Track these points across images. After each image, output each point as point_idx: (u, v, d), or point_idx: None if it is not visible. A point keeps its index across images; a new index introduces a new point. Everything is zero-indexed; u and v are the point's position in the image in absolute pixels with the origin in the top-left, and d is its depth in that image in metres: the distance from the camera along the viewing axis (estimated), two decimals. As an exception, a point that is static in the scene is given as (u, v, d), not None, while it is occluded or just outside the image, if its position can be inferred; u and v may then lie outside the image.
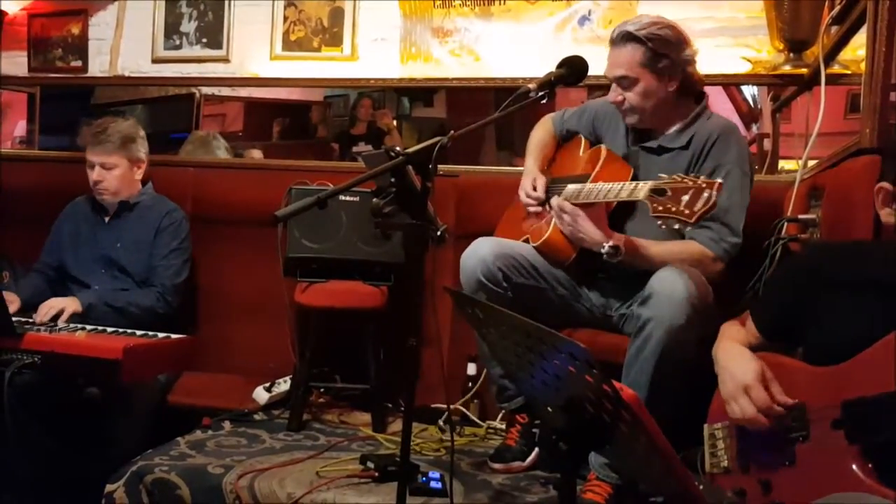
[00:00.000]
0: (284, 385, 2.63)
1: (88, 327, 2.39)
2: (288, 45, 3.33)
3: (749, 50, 2.83)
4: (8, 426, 2.11)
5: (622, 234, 2.01)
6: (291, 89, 4.97)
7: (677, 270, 1.86)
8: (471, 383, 2.60)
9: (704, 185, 1.69)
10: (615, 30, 2.09)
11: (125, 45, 3.52)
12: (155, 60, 3.49)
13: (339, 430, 2.48)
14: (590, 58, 1.90)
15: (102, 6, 3.55)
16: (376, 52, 3.23)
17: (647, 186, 1.79)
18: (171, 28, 3.46)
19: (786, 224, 2.12)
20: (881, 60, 1.80)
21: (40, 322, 2.39)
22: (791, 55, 2.73)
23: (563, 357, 1.14)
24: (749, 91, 3.92)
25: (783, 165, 3.09)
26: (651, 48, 2.03)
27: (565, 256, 2.13)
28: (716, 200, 1.67)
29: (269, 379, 2.66)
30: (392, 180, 1.62)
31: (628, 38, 2.04)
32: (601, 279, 2.17)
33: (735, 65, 2.84)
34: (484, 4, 3.12)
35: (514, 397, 2.23)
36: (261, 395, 2.61)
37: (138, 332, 2.34)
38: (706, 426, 1.60)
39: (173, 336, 2.37)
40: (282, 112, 5.50)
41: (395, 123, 5.39)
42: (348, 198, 2.54)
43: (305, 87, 4.70)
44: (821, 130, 2.23)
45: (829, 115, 2.27)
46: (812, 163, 2.35)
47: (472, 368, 2.61)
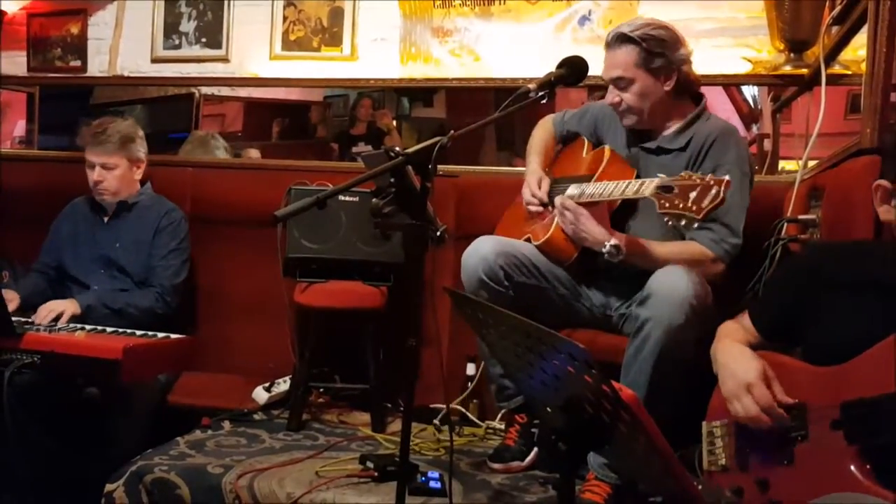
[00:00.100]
0: (284, 385, 2.64)
1: (88, 327, 2.39)
2: (287, 44, 3.33)
3: (749, 50, 2.83)
4: (7, 426, 2.11)
5: (623, 234, 2.02)
6: (291, 89, 4.95)
7: (676, 271, 1.86)
8: (469, 383, 2.60)
9: (712, 182, 1.69)
10: (610, 33, 2.12)
11: (124, 44, 3.52)
12: (154, 60, 3.49)
13: (339, 430, 2.48)
14: (590, 58, 1.91)
15: (101, 6, 3.54)
16: (376, 52, 3.22)
17: (653, 183, 1.79)
18: (171, 28, 3.45)
19: (786, 224, 2.12)
20: (882, 61, 1.80)
21: (40, 324, 2.39)
22: (791, 55, 2.73)
23: (563, 357, 1.14)
24: (749, 91, 3.92)
25: (783, 166, 3.09)
26: (645, 48, 2.05)
27: (567, 256, 2.13)
28: (724, 196, 1.67)
29: (269, 379, 2.66)
30: (392, 180, 1.62)
31: (623, 39, 2.07)
32: (602, 279, 2.17)
33: (735, 65, 2.84)
34: (484, 4, 3.12)
35: (514, 396, 2.23)
36: (260, 395, 2.61)
37: (138, 332, 2.34)
38: (704, 424, 1.60)
39: (173, 336, 2.37)
40: (281, 112, 5.49)
41: (395, 123, 5.38)
42: (348, 198, 2.54)
43: (305, 87, 4.68)
44: (821, 131, 2.22)
45: (830, 116, 2.27)
46: (812, 163, 2.35)
47: (471, 368, 2.62)
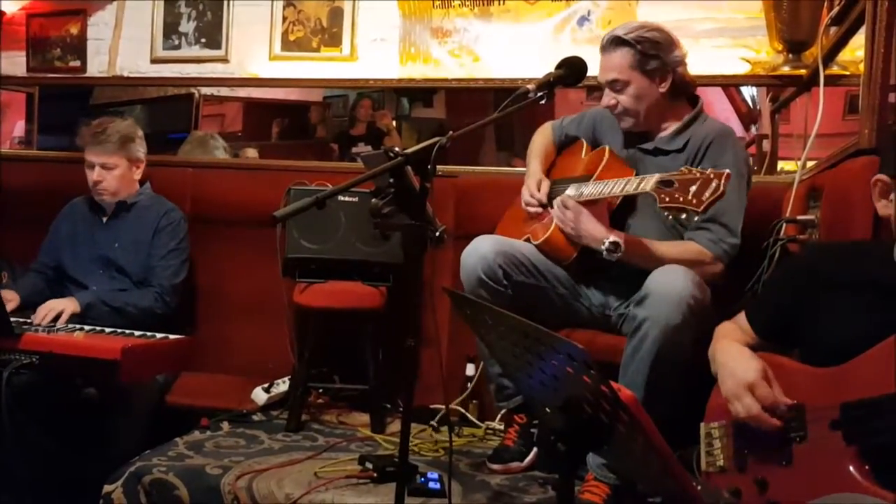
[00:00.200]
0: (283, 385, 2.63)
1: (87, 327, 2.38)
2: (287, 45, 3.32)
3: (748, 51, 2.83)
4: (6, 427, 2.10)
5: (622, 232, 2.02)
6: (290, 90, 4.96)
7: (674, 271, 1.87)
8: (469, 383, 2.60)
9: (713, 176, 1.70)
10: (605, 36, 2.14)
11: (124, 45, 3.52)
12: (154, 60, 3.48)
13: (338, 430, 2.48)
14: (589, 58, 1.91)
15: (101, 6, 3.54)
16: (375, 52, 3.22)
17: (654, 178, 1.80)
18: (170, 28, 3.45)
19: (784, 225, 2.12)
20: (880, 61, 1.80)
21: (38, 325, 2.39)
22: (790, 56, 2.73)
23: (562, 358, 1.14)
24: (748, 92, 3.92)
25: (782, 166, 3.09)
26: (640, 50, 2.06)
27: (566, 255, 2.14)
28: (724, 189, 1.68)
29: (268, 379, 2.66)
30: (391, 181, 1.62)
31: (618, 42, 2.09)
32: (601, 279, 2.17)
33: (734, 65, 2.84)
34: (483, 5, 3.12)
35: (513, 396, 2.23)
36: (259, 395, 2.61)
37: (137, 333, 2.34)
38: (703, 425, 1.59)
39: (172, 336, 2.36)
40: (281, 112, 5.49)
41: (395, 124, 5.39)
42: (347, 198, 2.54)
43: (304, 87, 4.69)
44: (819, 131, 2.22)
45: (828, 116, 2.27)
46: (811, 163, 2.35)
47: (470, 369, 2.62)
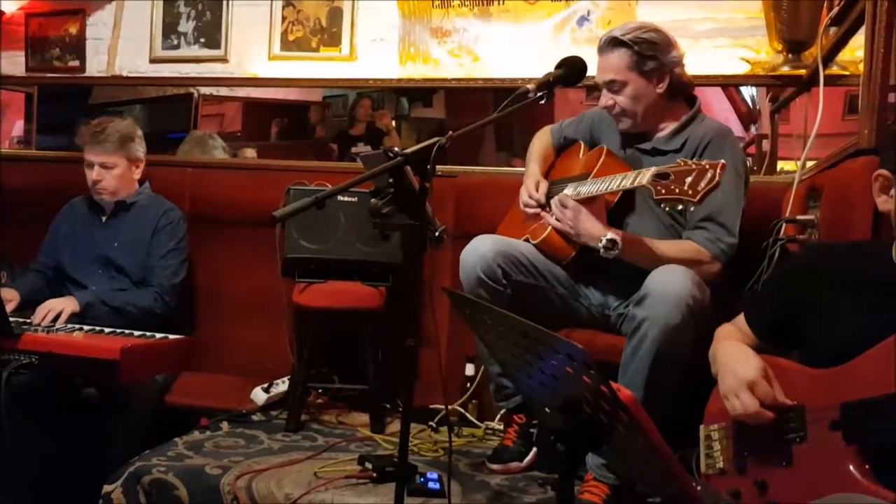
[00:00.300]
0: (282, 385, 2.63)
1: (86, 328, 2.38)
2: (286, 45, 3.32)
3: (748, 51, 2.83)
4: (5, 427, 2.11)
5: (620, 230, 2.02)
6: (290, 89, 4.95)
7: (674, 270, 1.87)
8: (468, 384, 2.60)
9: (708, 167, 1.71)
10: (602, 37, 2.14)
11: (123, 44, 3.52)
12: (153, 60, 3.48)
13: (338, 430, 2.48)
14: (589, 58, 1.92)
15: (100, 6, 3.54)
16: (375, 52, 3.22)
17: (650, 172, 1.80)
18: (169, 28, 3.45)
19: (784, 225, 2.12)
20: (879, 61, 1.80)
21: (38, 325, 2.39)
22: (790, 56, 2.73)
23: (561, 358, 1.13)
24: (748, 92, 3.92)
25: (782, 166, 3.09)
26: (637, 51, 2.07)
27: (565, 254, 2.14)
28: (720, 179, 1.69)
29: (267, 379, 2.66)
30: (390, 181, 1.61)
31: (615, 43, 2.09)
32: (600, 278, 2.17)
33: (734, 65, 2.84)
34: (483, 5, 3.11)
35: (513, 396, 2.23)
36: (259, 395, 2.61)
37: (136, 333, 2.34)
38: (702, 427, 1.59)
39: (171, 336, 2.37)
40: (280, 112, 5.48)
41: (394, 124, 5.37)
42: (346, 198, 2.54)
43: (304, 87, 4.67)
44: (819, 131, 2.22)
45: (828, 116, 2.27)
46: (810, 164, 2.35)
47: (470, 369, 2.61)
